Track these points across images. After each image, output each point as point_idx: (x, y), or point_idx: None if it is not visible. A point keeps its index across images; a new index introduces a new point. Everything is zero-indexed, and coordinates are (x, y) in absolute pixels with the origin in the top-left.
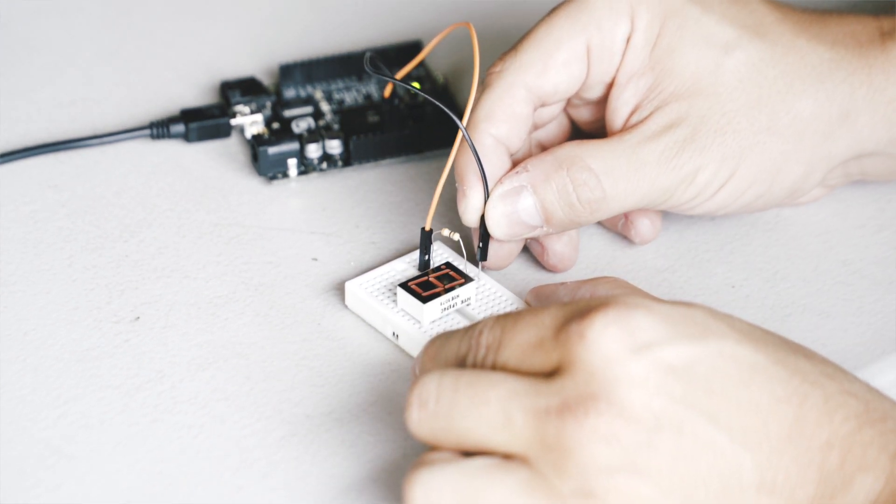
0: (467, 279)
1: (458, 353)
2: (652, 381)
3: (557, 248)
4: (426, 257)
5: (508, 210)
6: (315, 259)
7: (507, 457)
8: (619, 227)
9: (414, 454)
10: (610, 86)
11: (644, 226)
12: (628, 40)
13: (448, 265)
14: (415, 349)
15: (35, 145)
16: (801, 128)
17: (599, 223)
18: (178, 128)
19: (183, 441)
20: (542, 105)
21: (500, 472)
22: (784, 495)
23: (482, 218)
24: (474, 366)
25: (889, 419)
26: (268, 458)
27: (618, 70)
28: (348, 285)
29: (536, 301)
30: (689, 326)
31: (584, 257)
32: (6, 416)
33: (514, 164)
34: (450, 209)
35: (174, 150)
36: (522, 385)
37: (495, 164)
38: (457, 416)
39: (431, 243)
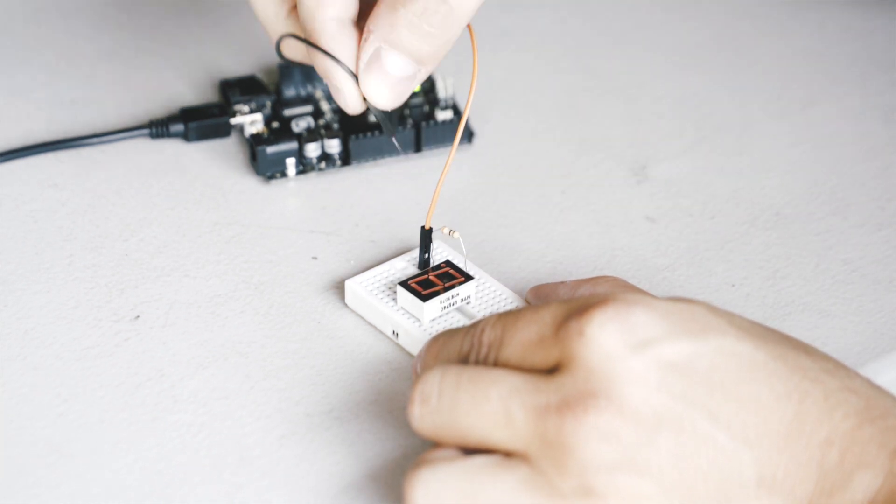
0: (467, 277)
1: (461, 351)
2: (651, 377)
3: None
4: (426, 256)
5: (380, 76)
6: (315, 258)
7: (508, 454)
8: None
9: (414, 453)
10: None
11: None
12: None
13: (448, 263)
14: (415, 347)
15: (35, 144)
16: None
17: None
18: (178, 127)
19: (183, 440)
20: None
21: (501, 471)
22: (784, 492)
23: (366, 103)
24: (476, 363)
25: (890, 416)
26: (268, 456)
27: None
28: (348, 284)
29: (536, 299)
30: (688, 323)
31: (584, 256)
32: (6, 414)
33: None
34: (450, 208)
35: (174, 150)
36: (523, 382)
37: (348, 45)
38: (459, 412)
39: (431, 242)
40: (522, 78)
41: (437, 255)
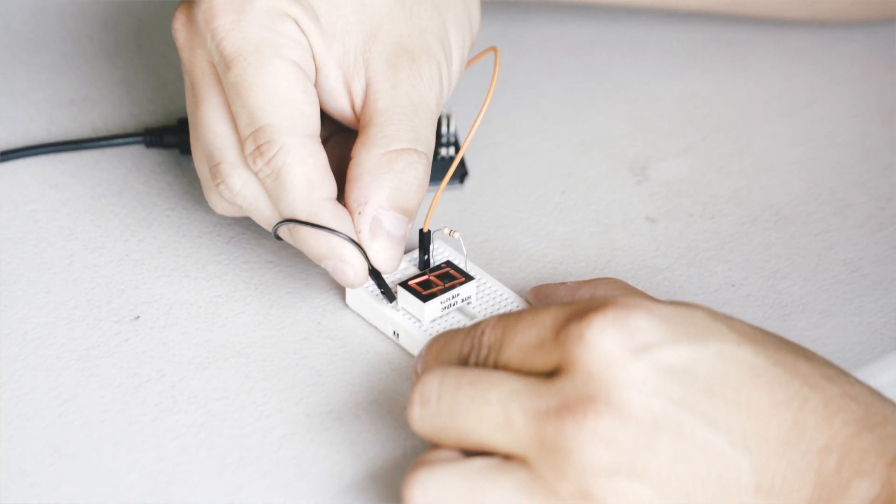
0: (468, 278)
1: (462, 352)
2: (651, 382)
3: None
4: (426, 257)
5: (385, 240)
6: None
7: (507, 457)
8: None
9: (414, 453)
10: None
11: None
12: None
13: (448, 264)
14: (415, 348)
15: (35, 145)
16: None
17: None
18: (172, 138)
19: (183, 440)
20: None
21: (499, 474)
22: (781, 498)
23: (370, 270)
24: (477, 365)
25: (889, 424)
26: (268, 456)
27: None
28: None
29: (537, 300)
30: (688, 328)
31: (583, 257)
32: (6, 415)
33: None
34: (450, 209)
35: (172, 151)
36: (523, 385)
37: (346, 220)
38: (458, 414)
39: (431, 243)
40: (522, 78)
41: (438, 255)
